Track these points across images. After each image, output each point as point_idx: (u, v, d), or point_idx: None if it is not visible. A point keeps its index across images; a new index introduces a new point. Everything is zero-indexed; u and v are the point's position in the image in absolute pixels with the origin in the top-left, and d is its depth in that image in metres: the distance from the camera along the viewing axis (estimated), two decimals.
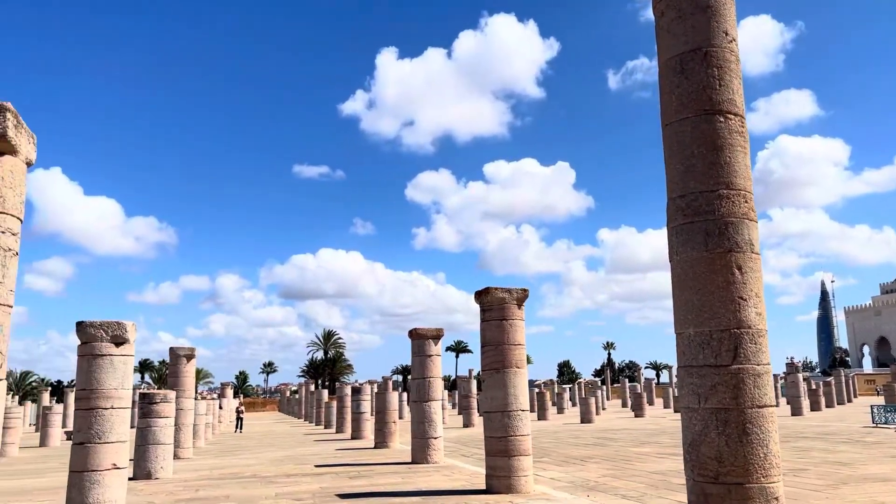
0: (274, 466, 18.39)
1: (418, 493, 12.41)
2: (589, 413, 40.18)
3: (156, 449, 16.16)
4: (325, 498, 12.20)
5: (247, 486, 14.31)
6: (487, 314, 13.06)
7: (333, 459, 20.06)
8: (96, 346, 11.10)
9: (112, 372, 11.08)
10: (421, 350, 18.48)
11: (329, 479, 15.18)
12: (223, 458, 22.20)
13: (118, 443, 10.95)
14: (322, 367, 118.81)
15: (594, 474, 15.65)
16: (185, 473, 17.07)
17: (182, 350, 22.34)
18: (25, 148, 5.80)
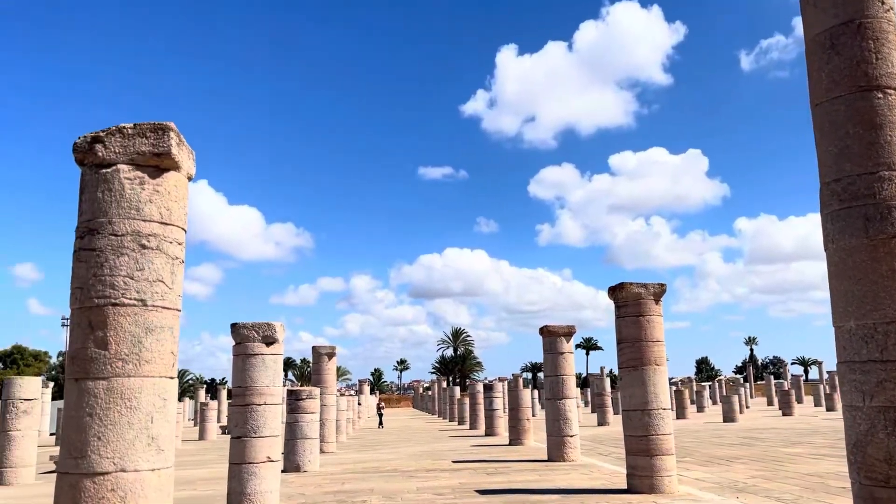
0: (413, 461, 18.88)
1: (557, 491, 12.33)
2: (732, 411, 38.30)
3: (303, 443, 17.03)
4: (464, 493, 12.38)
5: (389, 480, 14.78)
6: (623, 310, 12.76)
7: (469, 455, 20.31)
8: (249, 346, 11.86)
9: (264, 370, 11.80)
10: (552, 347, 18.33)
11: (467, 474, 15.39)
12: (364, 452, 23.05)
13: (271, 437, 11.64)
14: (452, 364, 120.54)
15: (742, 475, 14.91)
16: (331, 467, 17.87)
17: (323, 349, 23.39)
18: (186, 164, 6.28)
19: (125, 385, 5.49)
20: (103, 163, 5.84)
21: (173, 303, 5.98)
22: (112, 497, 5.28)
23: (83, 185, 5.93)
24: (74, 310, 5.71)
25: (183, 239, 6.23)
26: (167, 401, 5.75)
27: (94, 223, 5.72)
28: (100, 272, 5.64)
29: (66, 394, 5.60)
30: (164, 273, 5.87)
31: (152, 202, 5.88)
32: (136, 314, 5.65)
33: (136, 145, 5.88)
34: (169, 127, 5.96)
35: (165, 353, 5.82)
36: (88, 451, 5.31)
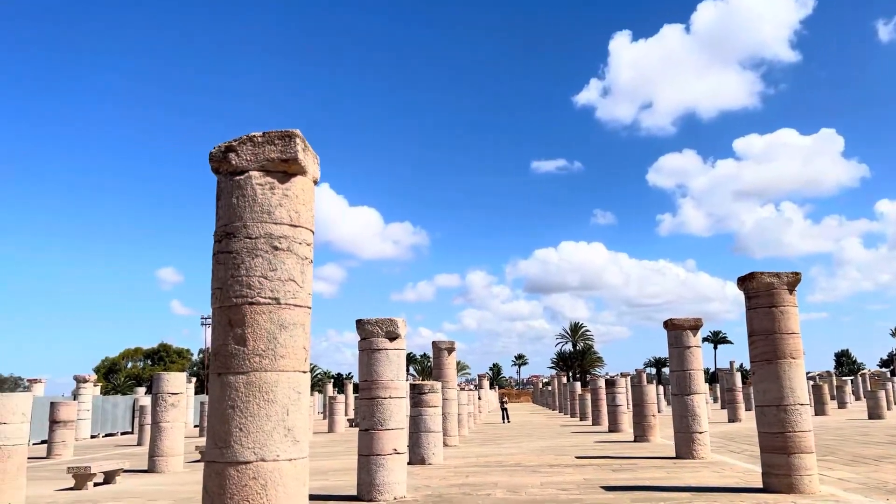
0: (535, 456, 18.83)
1: (688, 489, 11.93)
2: (878, 408, 35.57)
3: (427, 436, 17.37)
4: (589, 489, 12.22)
5: (512, 474, 14.82)
6: (754, 301, 12.14)
7: (593, 451, 20.01)
8: (373, 342, 12.24)
9: (388, 364, 12.15)
10: (678, 341, 17.72)
11: (591, 470, 15.18)
12: (486, 446, 23.21)
13: (397, 430, 11.97)
14: (571, 360, 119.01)
15: (892, 476, 13.82)
16: (454, 460, 18.13)
17: (443, 344, 23.74)
18: (312, 168, 6.56)
19: (262, 379, 5.80)
20: (236, 170, 6.20)
21: (304, 301, 6.27)
22: (254, 485, 5.61)
23: (219, 192, 6.32)
24: (215, 309, 6.10)
25: (311, 240, 6.51)
26: (301, 394, 6.03)
27: (231, 227, 6.08)
28: (237, 273, 6.00)
29: (210, 387, 6.00)
30: (294, 273, 6.16)
31: (282, 206, 6.19)
32: (270, 312, 5.96)
33: (266, 152, 6.20)
34: (295, 133, 6.25)
35: (298, 348, 6.11)
36: (232, 441, 5.67)
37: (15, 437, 12.30)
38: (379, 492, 11.55)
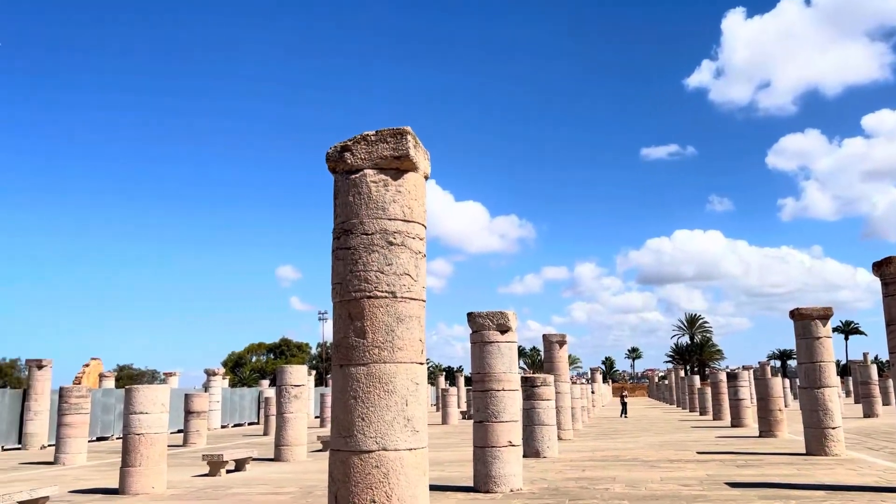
0: (654, 451, 18.35)
1: (821, 487, 11.27)
2: None
3: (541, 429, 17.30)
4: (713, 485, 11.78)
5: (631, 468, 14.51)
6: (891, 288, 11.29)
7: (715, 447, 19.27)
8: (485, 334, 12.31)
9: (500, 357, 12.18)
10: (806, 332, 16.75)
11: (714, 466, 14.63)
12: (602, 440, 22.84)
13: (511, 422, 11.99)
14: (689, 352, 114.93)
15: None
16: (569, 454, 17.96)
17: (554, 337, 23.54)
18: (423, 164, 6.67)
19: (382, 370, 5.97)
20: (352, 169, 6.40)
21: (419, 294, 6.39)
22: (376, 473, 5.78)
23: (336, 191, 6.54)
24: (335, 303, 6.33)
25: (424, 234, 6.63)
26: (419, 385, 6.16)
27: (348, 224, 6.28)
28: (355, 268, 6.19)
29: (333, 378, 6.23)
30: (409, 267, 6.29)
31: (395, 202, 6.33)
32: (387, 305, 6.12)
33: (379, 150, 6.36)
34: (406, 131, 6.38)
35: (415, 340, 6.25)
36: (355, 431, 5.87)
37: (156, 426, 13.25)
38: (495, 483, 11.62)
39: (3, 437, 26.66)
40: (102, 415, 30.60)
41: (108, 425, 31.28)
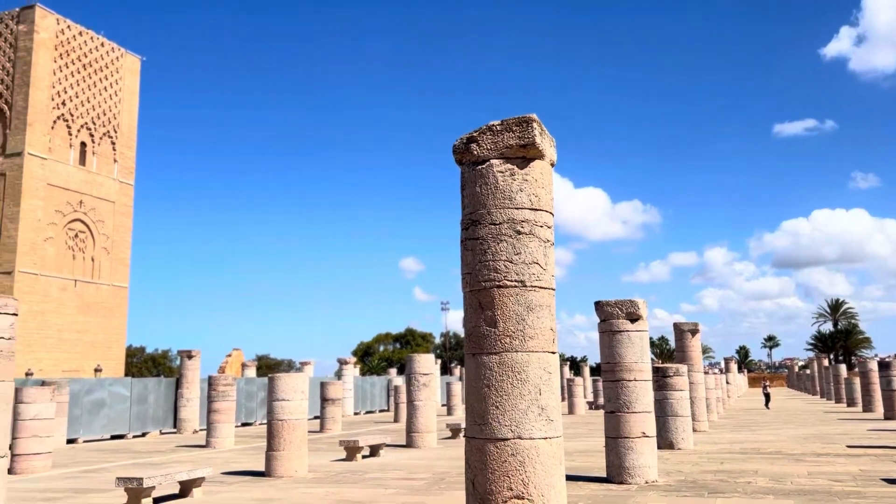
0: (798, 444, 17.33)
1: None
2: None
3: (675, 420, 16.75)
4: (867, 481, 10.98)
5: (773, 462, 13.79)
6: None
7: (867, 440, 17.94)
8: (613, 323, 12.05)
9: (630, 346, 11.90)
10: None
11: (867, 461, 13.63)
12: (740, 432, 21.83)
13: (644, 413, 11.69)
14: (832, 340, 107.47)
15: None
16: (705, 446, 17.29)
17: (686, 325, 22.70)
18: (549, 151, 6.61)
19: (514, 359, 5.98)
20: (478, 160, 6.43)
21: (548, 282, 6.34)
22: (512, 461, 5.81)
23: (463, 182, 6.60)
24: (465, 293, 6.40)
25: (552, 222, 6.57)
26: (552, 374, 6.13)
27: (476, 215, 6.33)
28: (483, 258, 6.23)
29: (466, 367, 6.31)
30: (538, 255, 6.25)
31: (522, 191, 6.31)
32: (517, 294, 6.12)
33: (505, 140, 6.35)
34: (531, 119, 6.33)
35: (545, 329, 6.21)
36: (489, 419, 5.92)
37: (297, 412, 13.95)
38: (629, 475, 11.39)
39: (160, 422, 29.01)
40: (246, 402, 32.61)
41: (252, 412, 33.30)
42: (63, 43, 70.67)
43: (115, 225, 74.17)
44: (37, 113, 67.17)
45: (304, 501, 10.77)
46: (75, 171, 70.53)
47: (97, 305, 71.40)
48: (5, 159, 66.34)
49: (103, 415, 26.41)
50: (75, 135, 71.04)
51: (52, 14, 69.91)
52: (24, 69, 67.28)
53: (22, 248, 64.62)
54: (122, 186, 75.65)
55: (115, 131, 75.24)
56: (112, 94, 75.63)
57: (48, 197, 67.40)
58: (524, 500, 5.84)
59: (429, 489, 11.63)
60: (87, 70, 72.88)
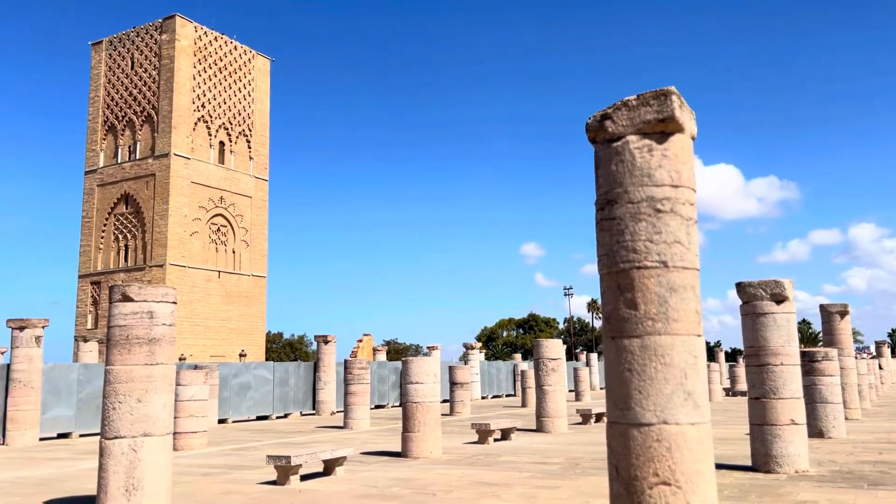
0: None
1: None
2: None
3: (824, 408, 15.71)
4: None
5: None
6: None
7: None
8: (757, 305, 11.42)
9: (776, 329, 11.23)
10: None
11: None
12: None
13: (792, 399, 11.03)
14: None
15: None
16: (859, 435, 16.11)
17: (834, 307, 21.20)
18: (689, 125, 6.32)
19: (657, 343, 5.79)
20: (613, 137, 6.25)
21: (692, 262, 6.09)
22: (658, 447, 5.64)
23: (597, 161, 6.44)
24: (603, 274, 6.25)
25: (694, 199, 6.30)
26: (697, 358, 5.88)
27: (612, 194, 6.15)
28: (621, 239, 6.06)
29: (605, 350, 6.18)
30: (680, 234, 6.01)
31: (662, 167, 6.07)
32: (658, 275, 5.91)
33: (641, 115, 6.13)
34: (670, 91, 6.08)
35: (690, 311, 5.96)
36: (632, 404, 5.77)
37: (430, 395, 14.24)
38: (777, 464, 10.79)
39: (300, 403, 30.56)
40: (378, 385, 33.72)
41: (384, 395, 34.40)
42: (200, 49, 75.39)
43: (252, 219, 78.59)
44: (180, 116, 72.17)
45: (441, 482, 10.99)
46: (215, 169, 75.25)
47: (239, 294, 76.07)
48: (154, 160, 71.83)
49: (249, 397, 28.16)
50: (214, 135, 75.73)
51: (190, 22, 74.70)
52: (167, 76, 72.41)
53: (171, 243, 69.86)
54: (258, 182, 79.93)
55: (249, 130, 79.54)
56: (245, 94, 79.94)
57: (192, 194, 72.37)
58: (671, 486, 5.66)
59: (564, 474, 11.54)
60: (222, 73, 77.42)
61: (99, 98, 76.74)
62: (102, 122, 76.16)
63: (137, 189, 72.17)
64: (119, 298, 9.35)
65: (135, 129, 73.78)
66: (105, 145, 75.89)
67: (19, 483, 12.24)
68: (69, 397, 21.94)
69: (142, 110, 73.40)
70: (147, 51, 74.24)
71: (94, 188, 75.43)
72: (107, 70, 76.92)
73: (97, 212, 74.81)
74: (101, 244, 74.07)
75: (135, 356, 9.14)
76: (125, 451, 8.85)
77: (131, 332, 9.18)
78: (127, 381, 9.05)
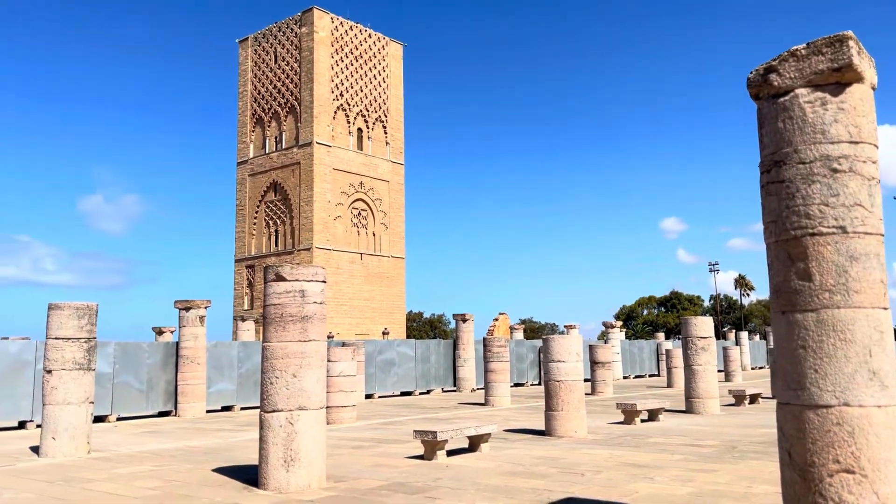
0: None
1: None
2: None
3: None
4: None
5: None
6: None
7: None
8: None
9: None
10: None
11: None
12: None
13: None
14: None
15: None
16: None
17: None
18: (868, 73, 5.63)
19: (835, 317, 5.23)
20: (779, 91, 5.68)
21: (875, 227, 5.45)
22: (838, 431, 5.11)
23: (761, 119, 5.89)
24: (770, 243, 5.73)
25: (876, 156, 5.63)
26: (883, 333, 5.27)
27: (779, 154, 5.61)
28: (791, 203, 5.51)
29: (774, 326, 5.67)
30: (861, 196, 5.38)
31: (837, 122, 5.45)
32: (836, 243, 5.33)
33: (812, 65, 5.53)
34: (847, 37, 5.43)
35: (874, 281, 5.34)
36: (806, 384, 5.26)
37: (573, 374, 13.96)
38: None
39: (441, 380, 31.16)
40: (517, 363, 33.71)
41: (523, 373, 34.37)
42: (337, 39, 78.02)
43: (390, 202, 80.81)
44: (321, 105, 75.20)
45: (588, 462, 10.73)
46: (354, 156, 77.93)
47: (380, 275, 78.67)
48: (299, 149, 75.41)
49: (393, 373, 29.05)
50: (352, 122, 78.35)
51: (327, 14, 77.43)
52: (308, 67, 75.59)
53: (317, 227, 73.27)
54: (394, 166, 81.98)
55: (385, 116, 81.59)
56: (380, 81, 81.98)
57: (334, 180, 75.41)
58: (855, 474, 5.12)
59: (720, 457, 10.93)
60: (358, 61, 79.78)
61: (247, 93, 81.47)
62: (251, 115, 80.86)
63: (284, 177, 76.15)
64: (273, 278, 9.78)
65: (280, 120, 77.73)
66: (254, 137, 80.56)
67: (190, 451, 13.26)
68: (231, 372, 23.56)
69: (286, 102, 77.16)
70: (288, 44, 77.80)
71: (245, 178, 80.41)
72: (253, 66, 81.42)
73: (249, 200, 79.72)
74: (253, 230, 78.96)
75: (289, 333, 9.54)
76: (283, 424, 9.29)
77: (285, 311, 9.59)
78: (282, 357, 9.47)
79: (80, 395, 13.05)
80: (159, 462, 11.85)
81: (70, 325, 13.19)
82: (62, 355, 13.00)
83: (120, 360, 20.70)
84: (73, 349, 13.09)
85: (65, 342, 13.06)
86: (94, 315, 13.62)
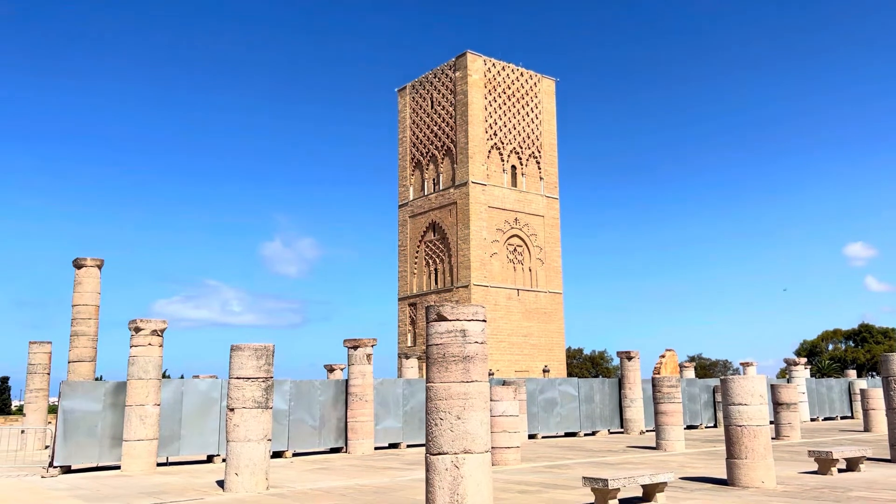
0: None
1: None
2: None
3: None
4: None
5: None
6: None
7: None
8: None
9: None
10: None
11: None
12: None
13: None
14: None
15: None
16: None
17: None
18: None
19: None
20: None
21: None
22: None
23: None
24: None
25: None
26: None
27: None
28: None
29: None
30: None
31: None
32: None
33: None
34: None
35: None
36: None
37: (757, 418, 12.78)
38: None
39: (607, 421, 29.94)
40: (689, 404, 31.71)
41: (696, 414, 32.25)
42: (490, 80, 79.53)
43: (545, 237, 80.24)
44: (475, 146, 76.69)
45: None
46: (509, 193, 78.42)
47: (537, 311, 77.94)
48: (455, 189, 77.13)
49: (556, 413, 28.31)
50: (506, 160, 79.08)
51: (479, 57, 79.28)
52: (462, 110, 77.55)
53: (474, 265, 74.15)
54: (549, 201, 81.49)
55: (538, 151, 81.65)
56: (533, 117, 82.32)
57: (490, 218, 76.20)
58: None
59: None
60: (511, 100, 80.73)
61: (406, 138, 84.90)
62: (410, 159, 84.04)
63: (442, 217, 78.06)
64: (434, 318, 9.77)
65: (437, 163, 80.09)
66: (413, 180, 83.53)
67: (360, 490, 13.48)
68: (396, 410, 24.01)
69: (442, 144, 79.46)
70: (444, 89, 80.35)
71: (406, 219, 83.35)
72: (411, 112, 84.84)
73: (410, 240, 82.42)
74: (414, 269, 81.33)
75: (451, 374, 9.45)
76: (448, 468, 9.15)
77: (447, 351, 9.52)
78: (446, 399, 9.38)
79: (259, 433, 13.74)
80: (331, 500, 12.13)
81: (249, 365, 13.99)
82: (243, 394, 13.79)
83: (295, 397, 21.75)
84: (253, 388, 13.85)
85: (245, 381, 13.86)
86: (270, 355, 14.38)
